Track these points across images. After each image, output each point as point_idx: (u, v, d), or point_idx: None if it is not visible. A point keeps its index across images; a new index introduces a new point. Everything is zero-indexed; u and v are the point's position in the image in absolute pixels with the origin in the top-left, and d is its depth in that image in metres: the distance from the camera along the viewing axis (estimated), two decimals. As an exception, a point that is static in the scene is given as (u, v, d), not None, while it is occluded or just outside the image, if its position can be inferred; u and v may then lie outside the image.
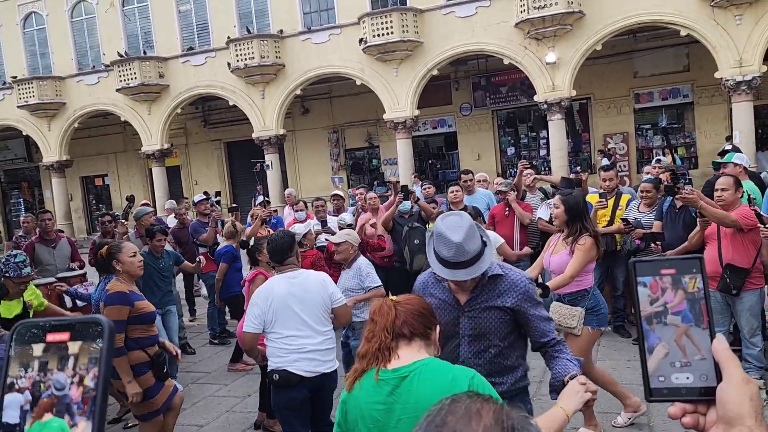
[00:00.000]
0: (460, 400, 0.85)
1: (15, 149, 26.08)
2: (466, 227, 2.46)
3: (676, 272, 0.84)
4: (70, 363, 0.63)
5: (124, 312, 3.95)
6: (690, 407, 0.81)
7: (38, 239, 7.21)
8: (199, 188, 20.08)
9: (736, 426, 0.75)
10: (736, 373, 0.79)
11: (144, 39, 21.09)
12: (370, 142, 21.65)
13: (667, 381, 0.82)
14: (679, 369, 0.82)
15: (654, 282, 0.84)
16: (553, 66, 16.16)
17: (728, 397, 0.77)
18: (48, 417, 0.61)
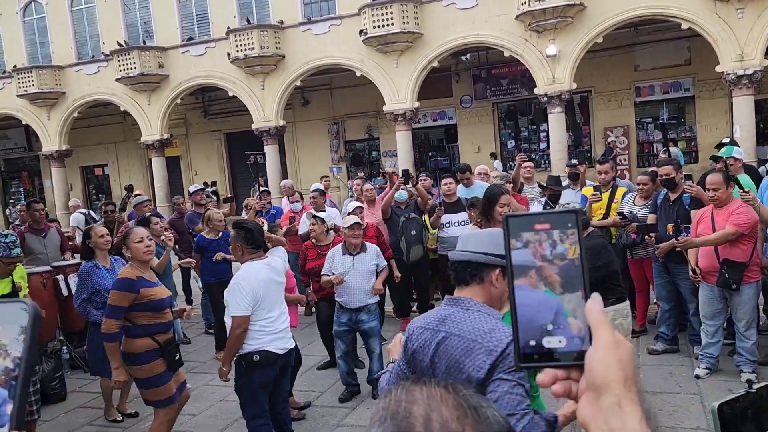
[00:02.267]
0: (411, 387, 0.80)
1: (15, 138, 26.06)
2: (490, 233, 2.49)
3: (551, 227, 0.77)
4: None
5: (127, 299, 3.98)
6: (562, 374, 0.75)
7: (28, 229, 7.23)
8: (199, 179, 20.07)
9: (603, 394, 0.70)
10: (605, 335, 0.72)
11: (144, 29, 21.02)
12: (370, 133, 21.61)
13: (539, 345, 0.75)
14: (552, 332, 0.75)
15: (528, 237, 0.77)
16: (554, 58, 16.09)
17: (595, 362, 0.71)
18: None
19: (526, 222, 0.77)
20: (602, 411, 0.69)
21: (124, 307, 3.97)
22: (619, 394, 0.69)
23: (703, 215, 5.25)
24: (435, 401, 0.77)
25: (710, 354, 5.32)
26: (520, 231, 0.77)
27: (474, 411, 0.76)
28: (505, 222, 0.78)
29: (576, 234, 0.76)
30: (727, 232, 4.91)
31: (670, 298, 5.92)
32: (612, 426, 0.68)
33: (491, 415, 0.77)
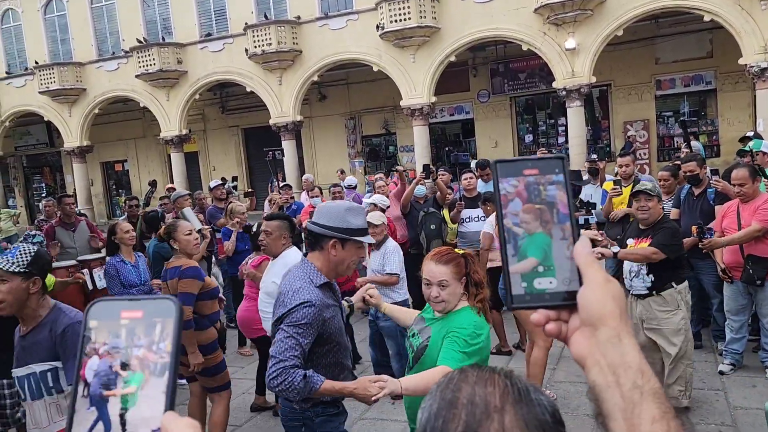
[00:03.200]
0: (470, 371, 0.87)
1: (37, 135, 26.44)
2: (357, 207, 2.93)
3: (540, 172, 0.79)
4: (157, 330, 0.71)
5: (197, 286, 4.12)
6: (553, 314, 0.76)
7: (59, 222, 7.34)
8: (217, 174, 20.20)
9: (600, 327, 0.71)
10: (596, 273, 0.73)
11: (163, 25, 21.18)
12: (387, 128, 21.60)
13: (530, 287, 0.76)
14: (542, 273, 0.76)
15: (516, 183, 0.79)
16: (573, 52, 15.95)
17: (590, 299, 0.73)
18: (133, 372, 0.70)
19: (515, 167, 0.79)
20: (599, 345, 0.71)
21: (194, 294, 4.10)
22: (617, 327, 0.70)
23: (729, 210, 5.19)
24: (482, 380, 0.83)
25: (735, 350, 5.28)
26: (509, 175, 0.79)
27: (518, 392, 0.81)
28: (494, 166, 0.80)
29: (563, 179, 0.79)
30: (753, 229, 4.85)
31: (692, 293, 5.85)
32: (610, 359, 0.69)
33: (536, 399, 0.81)
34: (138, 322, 0.72)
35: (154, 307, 0.72)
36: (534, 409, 0.79)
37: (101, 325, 0.72)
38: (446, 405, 0.81)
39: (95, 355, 0.71)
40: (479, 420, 0.78)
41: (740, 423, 4.37)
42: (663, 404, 0.67)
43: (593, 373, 0.70)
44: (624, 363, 0.69)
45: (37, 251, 2.63)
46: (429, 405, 0.84)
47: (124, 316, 0.72)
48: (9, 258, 2.53)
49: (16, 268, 2.51)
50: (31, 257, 2.57)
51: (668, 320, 4.42)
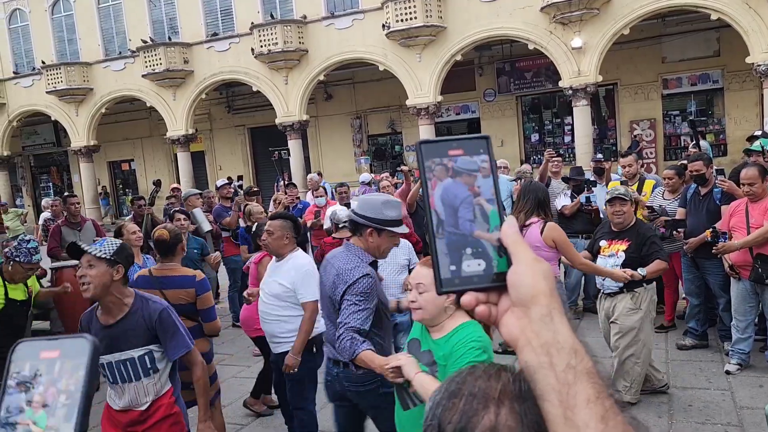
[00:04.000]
0: (479, 366, 0.89)
1: (44, 134, 26.58)
2: (392, 200, 3.12)
3: (464, 152, 0.77)
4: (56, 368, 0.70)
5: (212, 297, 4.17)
6: (483, 297, 0.75)
7: (64, 222, 7.37)
8: (223, 173, 20.28)
9: (533, 306, 0.69)
10: (525, 253, 0.72)
11: (169, 25, 21.26)
12: (393, 128, 21.60)
13: (459, 270, 0.74)
14: (471, 256, 0.75)
15: (441, 162, 0.77)
16: (579, 51, 15.91)
17: (519, 277, 0.71)
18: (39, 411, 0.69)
19: (440, 148, 0.78)
20: (532, 323, 0.69)
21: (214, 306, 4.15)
22: (548, 305, 0.69)
23: (737, 209, 5.17)
24: (487, 375, 0.85)
25: (741, 350, 5.25)
26: (434, 156, 0.77)
27: (520, 389, 0.81)
28: (419, 148, 0.78)
29: (488, 159, 0.77)
30: (765, 229, 4.83)
31: (699, 293, 5.84)
32: (544, 339, 0.68)
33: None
34: (54, 362, 0.71)
35: (70, 347, 0.71)
36: (533, 406, 0.77)
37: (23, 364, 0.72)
38: (448, 395, 0.84)
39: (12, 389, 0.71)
40: (475, 410, 0.80)
41: (746, 423, 4.36)
42: (597, 384, 0.66)
43: (525, 353, 0.69)
44: (557, 342, 0.67)
45: (122, 244, 2.89)
46: (435, 395, 0.87)
47: (42, 356, 0.71)
48: (97, 246, 2.79)
49: (104, 254, 2.75)
50: (117, 247, 2.84)
51: (628, 317, 4.58)
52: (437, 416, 0.83)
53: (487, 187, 0.77)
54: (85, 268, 2.74)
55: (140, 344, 2.83)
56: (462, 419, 0.80)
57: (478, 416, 0.80)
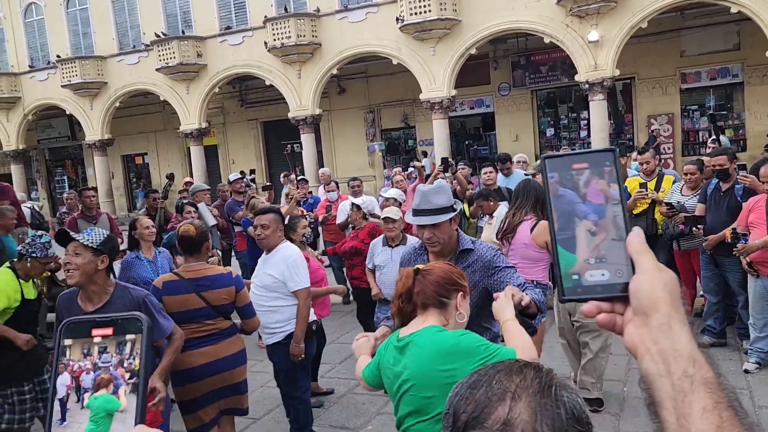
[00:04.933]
0: (504, 361, 0.91)
1: (59, 128, 26.76)
2: (438, 185, 2.98)
3: (589, 166, 0.78)
4: (127, 348, 0.73)
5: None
6: (606, 306, 0.76)
7: (80, 215, 7.39)
8: (236, 167, 20.29)
9: (652, 315, 0.70)
10: (647, 261, 0.73)
11: (183, 18, 21.28)
12: (406, 122, 21.50)
13: (582, 279, 0.76)
14: (594, 266, 0.76)
15: (565, 177, 0.79)
16: (596, 44, 15.70)
17: (640, 286, 0.72)
18: (102, 392, 0.72)
19: (564, 162, 0.79)
20: (651, 332, 0.70)
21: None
22: (668, 313, 0.70)
23: (756, 204, 5.05)
24: (509, 369, 0.86)
25: (760, 348, 5.16)
26: (558, 170, 0.79)
27: (540, 385, 0.82)
28: (543, 162, 0.80)
29: (614, 171, 0.78)
30: None
31: (717, 290, 5.73)
32: (662, 346, 0.68)
33: (558, 395, 0.82)
34: (108, 340, 0.73)
35: (124, 324, 0.73)
36: (551, 402, 0.80)
37: (75, 342, 0.74)
38: (468, 386, 0.86)
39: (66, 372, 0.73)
40: (490, 401, 0.81)
41: (765, 422, 4.26)
42: (715, 394, 0.65)
43: (645, 362, 0.70)
44: (675, 351, 0.67)
45: (109, 235, 2.97)
46: (456, 386, 0.89)
47: (94, 333, 0.74)
48: (85, 236, 2.88)
49: (90, 243, 2.84)
50: (104, 238, 2.91)
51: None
52: (453, 405, 0.85)
53: (613, 198, 0.78)
54: (71, 255, 2.84)
55: None
56: (476, 409, 0.81)
57: (491, 407, 0.81)
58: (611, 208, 0.77)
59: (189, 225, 3.78)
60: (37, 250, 4.46)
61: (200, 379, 3.54)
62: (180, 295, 3.52)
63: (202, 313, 3.57)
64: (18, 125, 24.18)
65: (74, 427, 0.71)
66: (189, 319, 3.54)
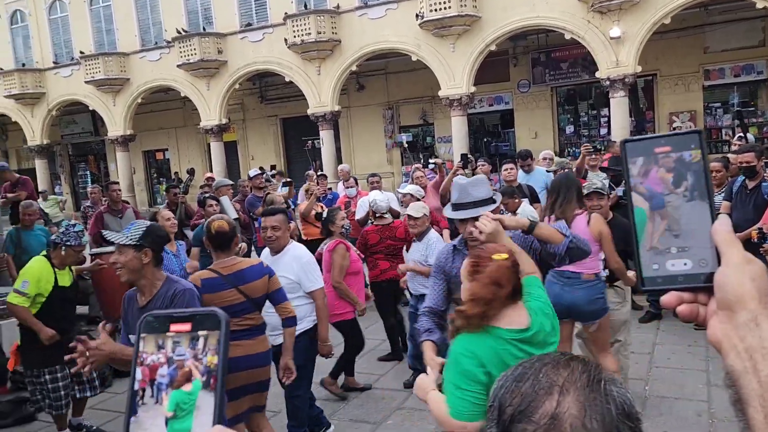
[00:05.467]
0: (550, 354, 0.89)
1: (82, 123, 27.12)
2: (476, 178, 2.93)
3: (672, 149, 0.74)
4: (200, 343, 0.72)
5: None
6: (688, 296, 0.73)
7: (107, 209, 7.50)
8: (256, 163, 20.40)
9: (738, 310, 0.67)
10: (735, 253, 0.70)
11: (204, 15, 21.43)
12: (424, 119, 21.47)
13: (662, 268, 0.73)
14: (676, 255, 0.73)
15: (647, 162, 0.75)
16: (618, 41, 15.54)
17: (726, 279, 0.69)
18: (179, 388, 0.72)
19: (646, 145, 0.76)
20: (737, 328, 0.67)
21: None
22: (755, 309, 0.67)
23: (784, 203, 4.98)
24: (556, 362, 0.84)
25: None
26: (639, 154, 0.76)
27: (588, 379, 0.80)
28: (623, 146, 0.76)
29: (700, 155, 0.74)
30: None
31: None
32: (748, 343, 0.66)
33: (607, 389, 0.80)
34: (185, 336, 0.72)
35: (201, 320, 0.73)
36: (600, 397, 0.78)
37: (149, 337, 0.74)
38: (513, 379, 0.84)
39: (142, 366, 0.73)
40: (537, 395, 0.80)
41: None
42: None
43: (730, 358, 0.68)
44: (763, 348, 0.65)
45: (149, 226, 2.98)
46: (501, 378, 0.87)
47: (172, 329, 0.73)
48: (124, 233, 2.93)
49: (129, 241, 2.88)
50: (142, 232, 2.92)
51: (617, 311, 4.53)
52: (499, 398, 0.84)
53: (697, 184, 0.74)
54: (116, 254, 2.91)
55: None
56: (522, 402, 0.80)
57: (539, 401, 0.79)
58: (695, 194, 0.74)
59: (222, 221, 3.70)
60: (71, 238, 4.59)
61: (236, 371, 3.51)
62: (220, 292, 3.49)
63: (242, 307, 3.54)
64: (42, 121, 24.55)
65: (147, 422, 0.71)
66: (230, 315, 3.54)
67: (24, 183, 8.61)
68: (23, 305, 4.36)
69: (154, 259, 2.94)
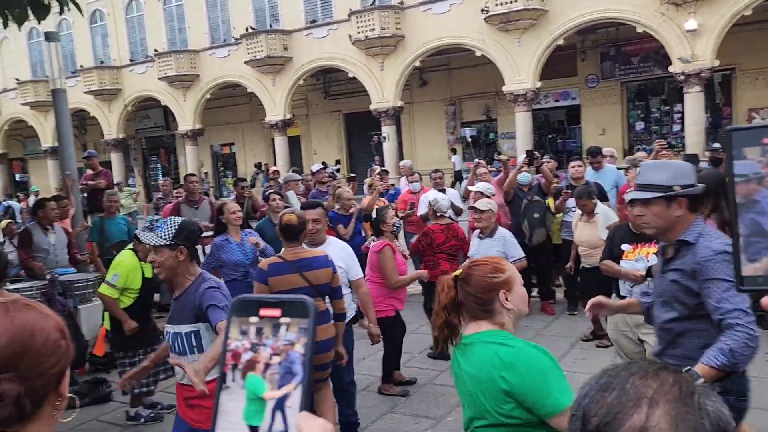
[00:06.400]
0: (638, 363, 0.84)
1: (155, 118, 28.24)
2: (662, 162, 2.61)
3: None
4: (281, 331, 0.73)
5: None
6: None
7: (184, 200, 7.75)
8: (318, 158, 20.71)
9: None
10: None
11: (270, 12, 21.90)
12: (487, 115, 21.21)
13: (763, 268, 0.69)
14: None
15: (753, 153, 0.70)
16: (694, 33, 14.86)
17: None
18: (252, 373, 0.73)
19: (754, 135, 0.71)
20: None
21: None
22: None
23: None
24: (645, 372, 0.80)
25: None
26: (745, 144, 0.71)
27: (680, 391, 0.76)
28: (728, 135, 0.72)
29: None
30: None
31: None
32: None
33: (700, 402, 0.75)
34: (264, 321, 0.73)
35: (290, 307, 0.73)
36: (693, 411, 0.74)
37: (236, 320, 0.74)
38: (598, 388, 0.81)
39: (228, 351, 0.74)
40: (624, 406, 0.76)
41: None
42: None
43: None
44: None
45: (181, 224, 3.01)
46: (584, 386, 0.83)
47: (262, 314, 0.74)
48: (158, 232, 2.97)
49: (162, 241, 2.92)
50: (174, 230, 2.95)
51: None
52: (582, 407, 0.80)
53: None
54: (153, 253, 2.98)
55: (189, 321, 2.94)
56: (609, 414, 0.77)
57: (626, 413, 0.75)
58: None
59: (291, 214, 3.85)
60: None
61: None
62: (284, 276, 3.69)
63: (305, 292, 3.66)
64: (118, 115, 25.72)
65: (230, 405, 0.72)
66: None
67: (105, 174, 9.11)
68: (112, 297, 4.66)
69: (189, 256, 2.99)
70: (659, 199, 2.41)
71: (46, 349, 0.96)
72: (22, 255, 6.15)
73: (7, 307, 1.00)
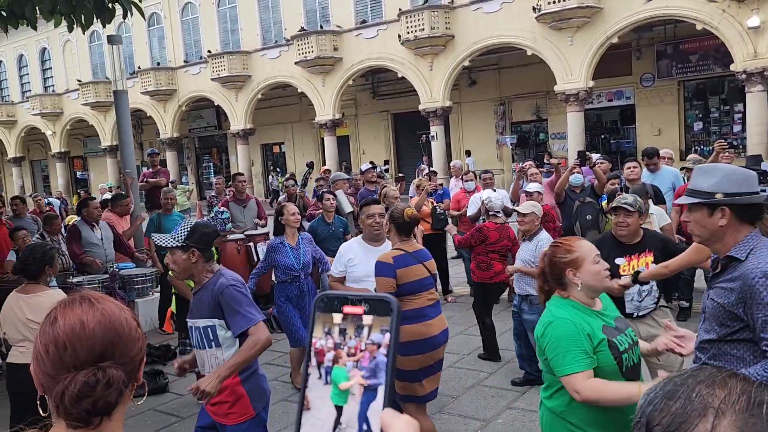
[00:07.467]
0: (706, 368, 0.82)
1: (207, 118, 28.95)
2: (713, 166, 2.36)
3: None
4: (364, 332, 0.73)
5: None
6: None
7: (232, 198, 7.93)
8: (366, 158, 20.81)
9: None
10: None
11: (321, 14, 22.15)
12: (538, 115, 20.90)
13: None
14: None
15: None
16: (757, 31, 14.28)
17: None
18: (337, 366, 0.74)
19: None
20: None
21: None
22: None
23: None
24: (712, 380, 0.78)
25: None
26: None
27: (748, 401, 0.74)
28: None
29: None
30: None
31: None
32: None
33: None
34: (357, 319, 0.73)
35: (374, 305, 0.73)
36: (761, 423, 0.72)
37: (321, 317, 0.75)
38: (663, 395, 0.79)
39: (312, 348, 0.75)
40: (689, 416, 0.75)
41: None
42: None
43: None
44: None
45: (194, 226, 3.04)
46: (649, 393, 0.82)
47: (345, 311, 0.74)
48: (172, 234, 3.03)
49: (174, 243, 2.98)
50: (187, 233, 2.97)
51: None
52: (646, 414, 0.79)
53: None
54: (169, 255, 3.06)
55: (206, 316, 2.98)
56: (672, 423, 0.75)
57: (690, 423, 0.74)
58: None
59: (412, 209, 3.91)
60: (218, 224, 4.95)
61: (436, 348, 3.74)
62: (410, 267, 3.75)
63: (428, 281, 3.81)
64: (173, 115, 26.48)
65: (316, 402, 0.74)
66: (421, 287, 3.78)
67: (164, 173, 9.44)
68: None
69: (202, 257, 3.01)
70: (701, 206, 2.24)
71: (131, 337, 1.02)
72: (75, 250, 6.15)
73: (90, 300, 1.06)
